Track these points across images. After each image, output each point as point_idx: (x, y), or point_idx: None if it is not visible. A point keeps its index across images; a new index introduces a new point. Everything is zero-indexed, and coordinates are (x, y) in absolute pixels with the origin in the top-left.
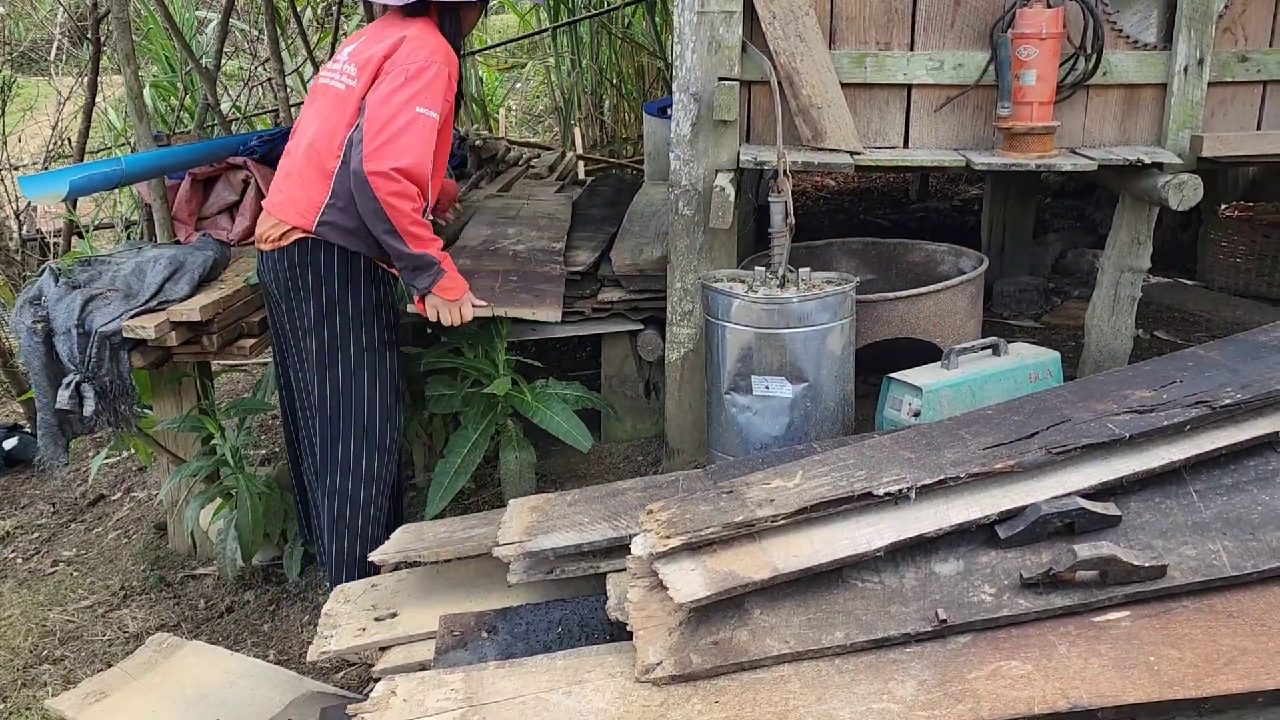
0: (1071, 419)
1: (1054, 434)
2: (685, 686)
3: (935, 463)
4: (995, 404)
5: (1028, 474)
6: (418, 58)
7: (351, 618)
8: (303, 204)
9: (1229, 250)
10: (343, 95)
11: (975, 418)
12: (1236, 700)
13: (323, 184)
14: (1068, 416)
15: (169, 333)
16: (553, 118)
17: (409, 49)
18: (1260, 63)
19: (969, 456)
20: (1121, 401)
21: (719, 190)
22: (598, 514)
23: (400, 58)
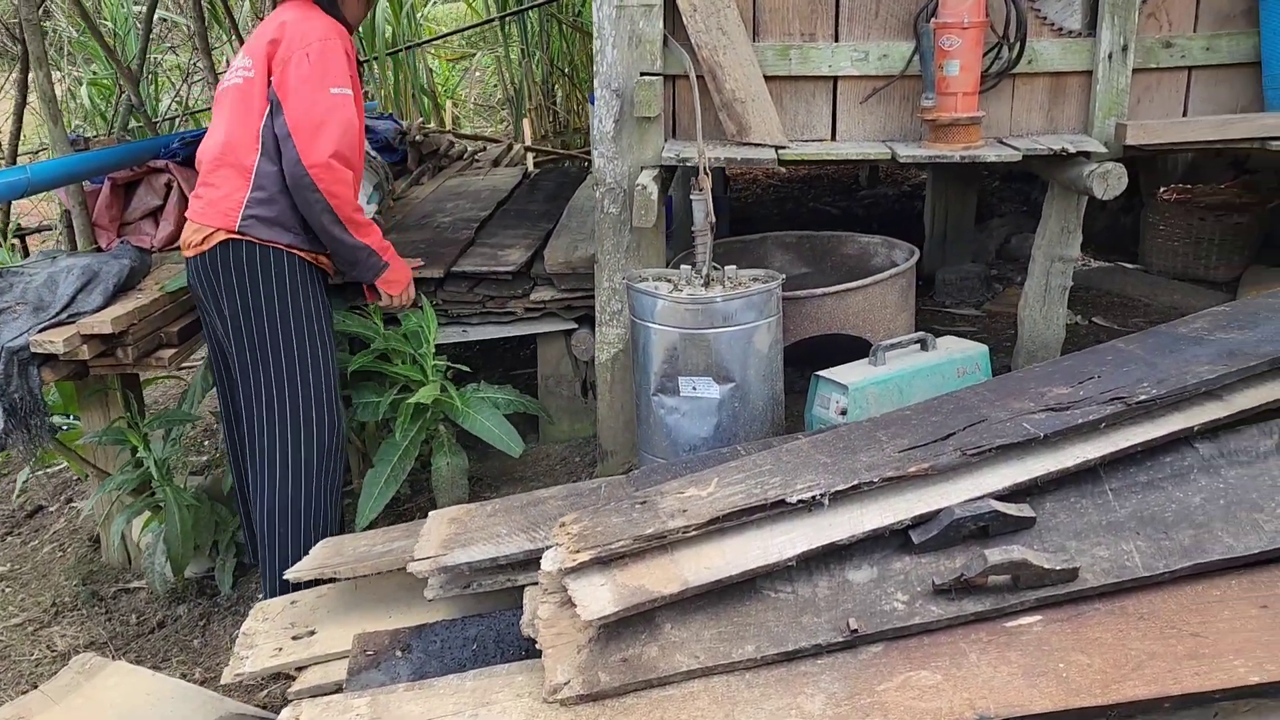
0: (988, 419)
1: (970, 435)
2: (593, 706)
3: (850, 467)
4: (915, 404)
5: (943, 476)
6: (311, 38)
7: (269, 636)
8: (223, 204)
9: (1167, 234)
10: (244, 89)
11: (894, 419)
12: (1144, 706)
13: (242, 180)
14: (984, 416)
15: (80, 346)
16: (507, 109)
17: (297, 31)
18: (1184, 48)
19: (884, 460)
20: (1039, 399)
21: (641, 189)
22: (516, 525)
23: (292, 41)
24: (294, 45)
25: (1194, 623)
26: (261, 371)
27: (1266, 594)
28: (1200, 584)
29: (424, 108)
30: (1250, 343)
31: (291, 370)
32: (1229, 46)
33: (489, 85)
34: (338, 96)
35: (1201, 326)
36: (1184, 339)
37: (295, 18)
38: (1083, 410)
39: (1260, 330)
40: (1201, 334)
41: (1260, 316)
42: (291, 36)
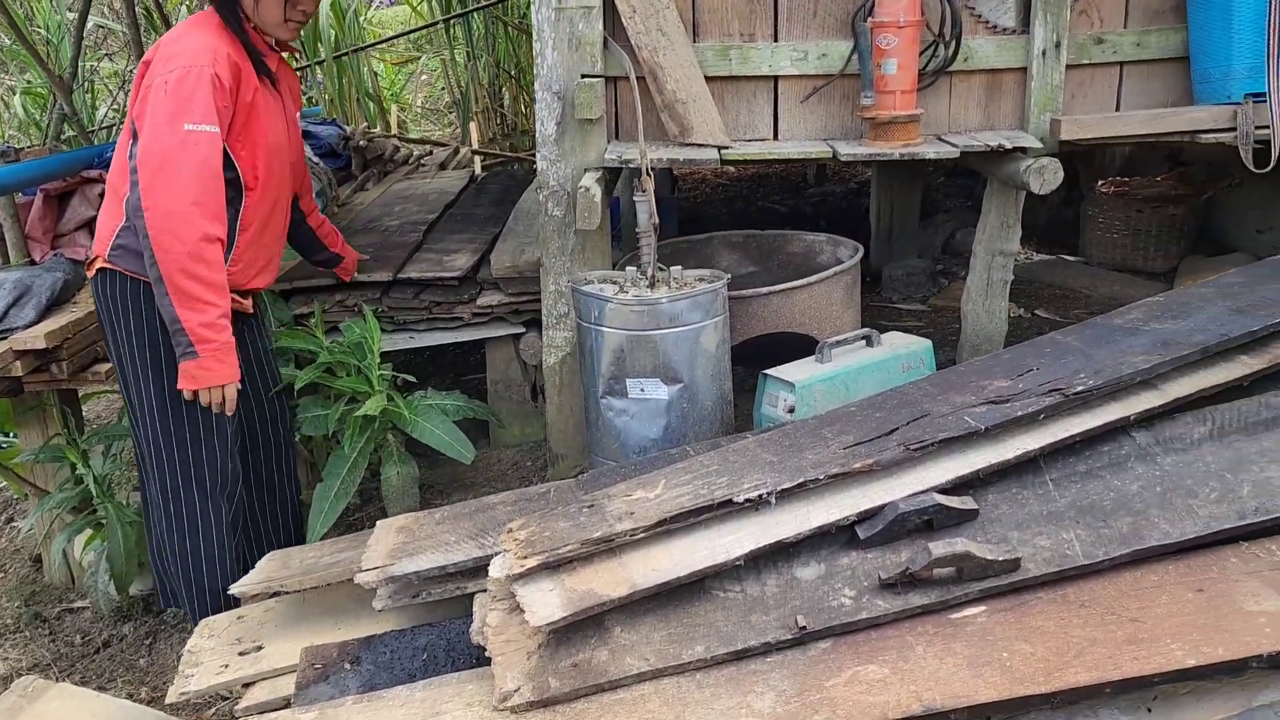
0: (931, 413)
1: (913, 429)
2: (544, 712)
3: (796, 465)
4: (860, 400)
5: (887, 472)
6: (174, 65)
7: (215, 653)
8: (102, 231)
9: (1106, 226)
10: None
11: (840, 415)
12: (1086, 692)
13: (117, 207)
14: (927, 411)
15: (13, 362)
16: (454, 112)
17: (165, 55)
18: (1115, 44)
19: (829, 457)
20: (979, 392)
21: (584, 191)
22: (465, 532)
23: (157, 67)
24: (157, 70)
25: (1133, 608)
26: (132, 407)
27: (1202, 578)
28: (1139, 570)
29: (369, 112)
30: (1183, 332)
31: (159, 409)
32: (1159, 42)
33: (435, 89)
34: (193, 134)
35: (1136, 317)
36: (1119, 330)
37: (175, 35)
38: (1022, 402)
39: (1192, 320)
40: (1137, 325)
41: (1192, 306)
42: (158, 64)
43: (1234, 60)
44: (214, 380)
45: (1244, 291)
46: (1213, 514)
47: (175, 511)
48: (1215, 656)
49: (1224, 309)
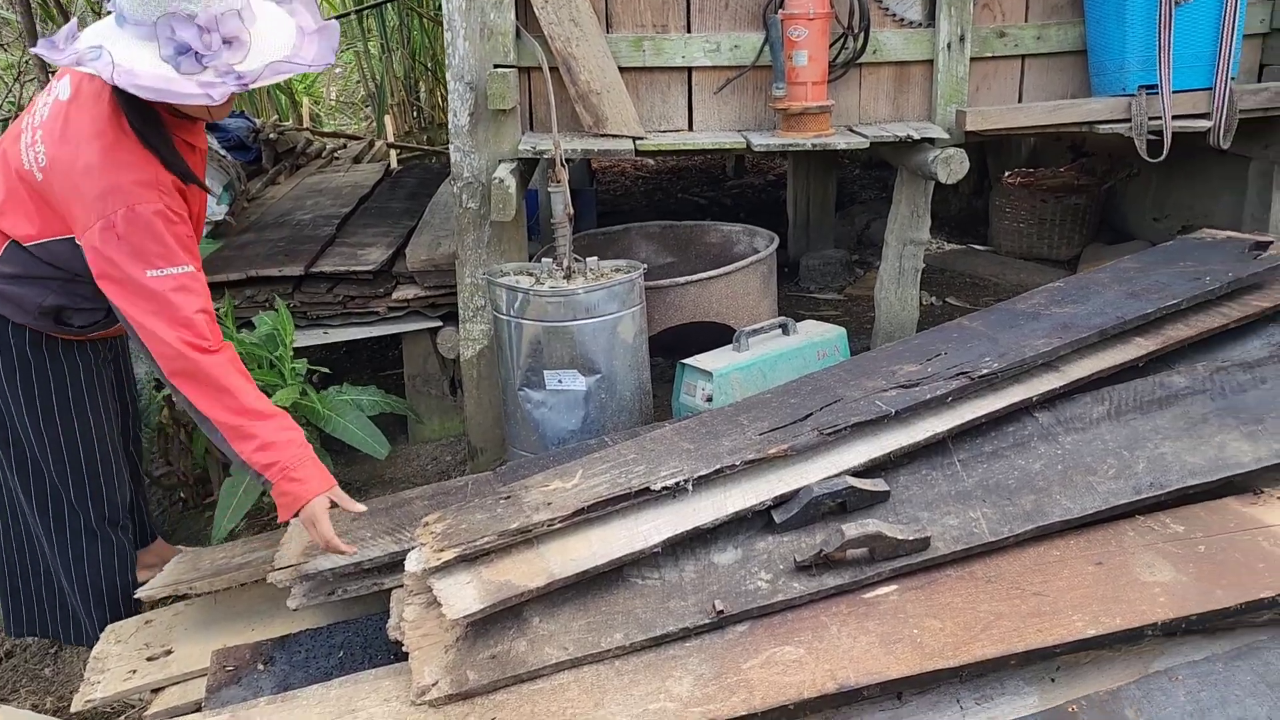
0: (843, 398)
1: (827, 415)
2: (463, 705)
3: (713, 452)
4: (775, 387)
5: (802, 456)
6: (96, 212)
7: (122, 659)
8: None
9: (1013, 216)
10: (34, 187)
11: (755, 402)
12: (992, 664)
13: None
14: (840, 396)
15: None
16: (369, 105)
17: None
18: (1017, 38)
19: (746, 443)
20: (890, 377)
21: (498, 182)
22: (381, 528)
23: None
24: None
25: (1037, 583)
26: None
27: (1101, 551)
28: (1042, 545)
29: (280, 105)
30: (1081, 316)
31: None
32: (1058, 36)
33: (349, 82)
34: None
35: (1038, 302)
36: (1022, 315)
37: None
38: (931, 386)
39: (1090, 304)
40: (1038, 309)
41: (1090, 291)
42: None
43: (1128, 53)
44: (300, 500)
45: (1138, 276)
46: (1111, 490)
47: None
48: (1114, 626)
49: (1119, 293)
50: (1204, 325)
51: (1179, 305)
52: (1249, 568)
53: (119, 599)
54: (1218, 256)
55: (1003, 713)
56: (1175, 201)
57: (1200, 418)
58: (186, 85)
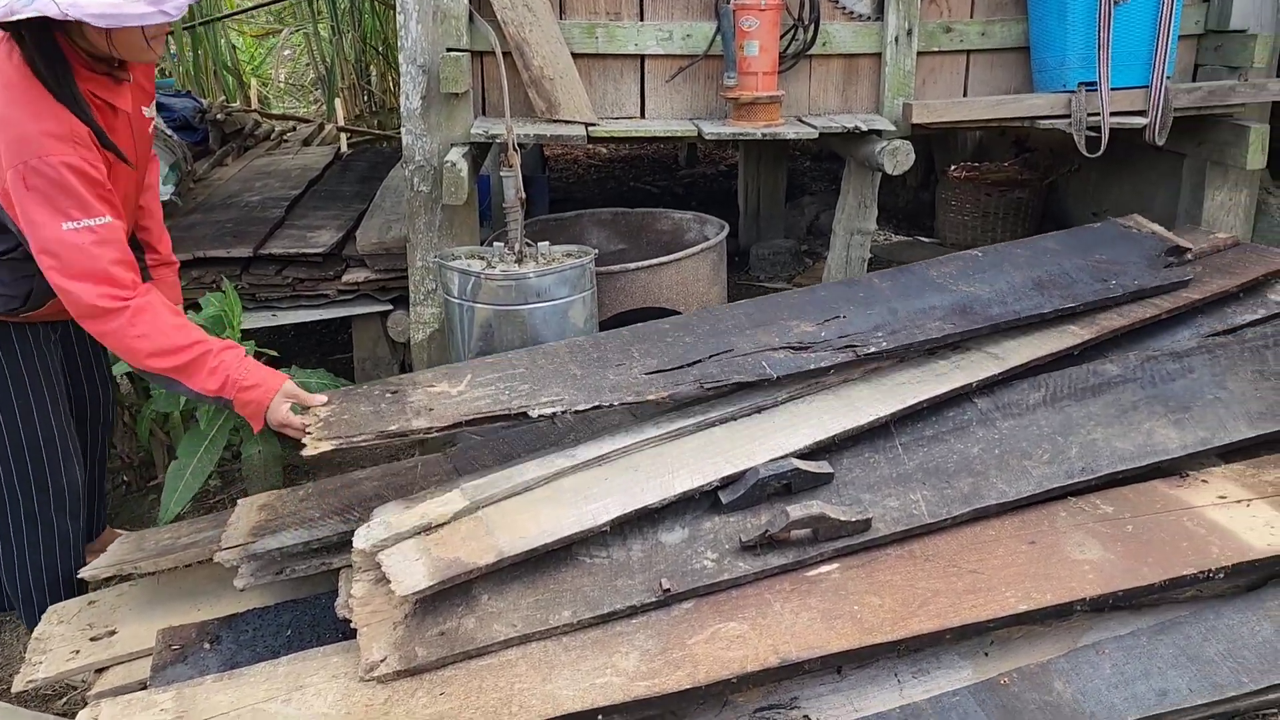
0: (734, 349)
1: (713, 366)
2: (411, 681)
3: (597, 385)
4: (675, 318)
5: (751, 437)
6: (7, 161)
7: (65, 640)
8: None
9: (959, 209)
10: None
11: (651, 332)
12: (929, 639)
13: None
14: (731, 347)
15: None
16: (319, 88)
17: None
18: (963, 33)
19: (630, 381)
20: (785, 334)
21: (451, 166)
22: (330, 507)
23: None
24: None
25: (973, 561)
26: None
27: (1034, 531)
28: (978, 526)
29: (228, 86)
30: (982, 302)
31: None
32: (1002, 32)
33: (299, 64)
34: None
35: (950, 272)
36: (931, 284)
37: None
38: (818, 354)
39: (997, 285)
40: (947, 282)
41: (1003, 269)
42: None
43: (1068, 50)
44: (262, 404)
45: (1051, 262)
46: (1045, 474)
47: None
48: (1045, 601)
49: (1027, 279)
50: (1136, 315)
51: (1074, 309)
52: (1174, 546)
53: (59, 586)
54: (1135, 255)
55: (939, 685)
56: (1114, 197)
57: (1131, 405)
58: (138, 6)
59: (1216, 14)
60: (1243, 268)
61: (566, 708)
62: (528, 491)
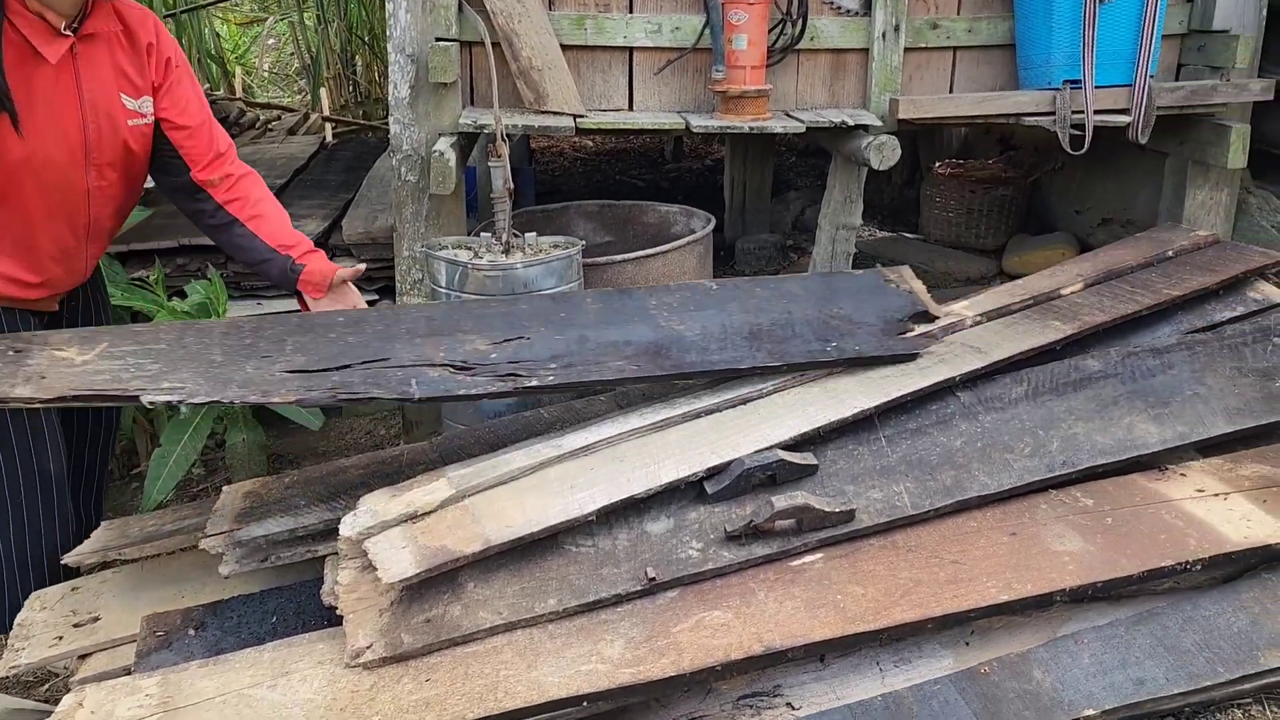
0: (391, 359)
1: (359, 373)
2: (397, 667)
3: (230, 377)
4: (354, 313)
5: (736, 428)
6: None
7: (48, 626)
8: None
9: (943, 205)
10: None
11: (319, 324)
12: (911, 628)
13: None
14: (390, 355)
15: None
16: (304, 78)
17: None
18: (949, 29)
19: (265, 378)
20: (455, 349)
21: (439, 155)
22: (315, 495)
23: None
24: None
25: (954, 551)
26: None
27: (1015, 523)
28: (960, 517)
29: (211, 74)
30: (684, 343)
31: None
32: (988, 29)
33: (283, 53)
34: None
35: (671, 303)
36: (643, 314)
37: None
38: (474, 380)
39: (710, 326)
40: (662, 313)
41: (728, 308)
42: None
43: (1054, 48)
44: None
45: (784, 306)
46: (1026, 467)
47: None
48: (1025, 592)
49: (746, 324)
50: (1118, 311)
51: (775, 368)
52: (1152, 539)
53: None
54: (874, 314)
55: (920, 674)
56: (1097, 195)
57: (1111, 400)
58: None
59: (1200, 14)
60: (1223, 265)
61: (552, 694)
62: (514, 480)
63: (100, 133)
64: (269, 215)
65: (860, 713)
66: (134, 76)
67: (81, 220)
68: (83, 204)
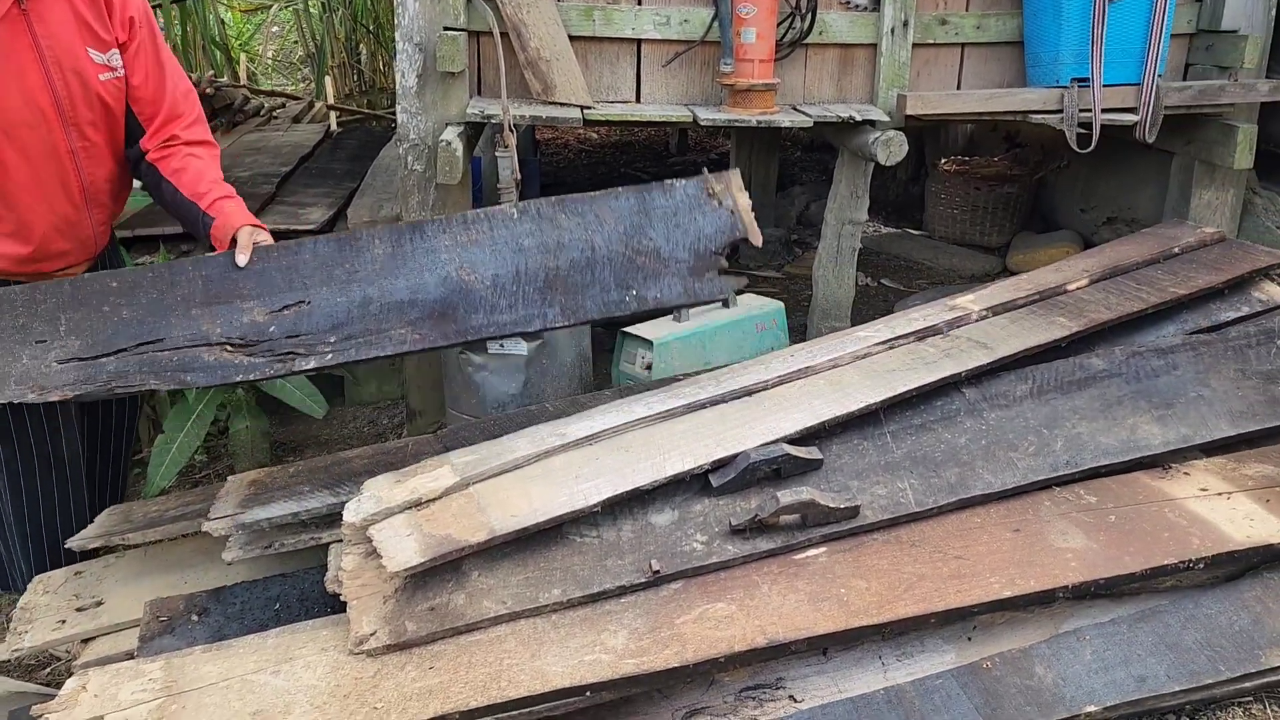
0: (166, 340)
1: (134, 359)
2: (400, 655)
3: (5, 369)
4: (130, 273)
5: (741, 420)
6: None
7: (50, 610)
8: None
9: (948, 202)
10: None
11: (93, 293)
12: (914, 623)
13: None
14: (165, 335)
15: None
16: (308, 66)
17: None
18: (958, 26)
19: (41, 370)
20: (233, 320)
21: (446, 145)
22: (320, 482)
23: None
24: None
25: (958, 547)
26: None
27: (1019, 519)
28: (964, 513)
29: (216, 61)
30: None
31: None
32: (997, 26)
33: (288, 41)
34: None
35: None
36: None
37: None
38: (250, 362)
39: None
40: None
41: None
42: None
43: (1062, 46)
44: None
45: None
46: (1030, 465)
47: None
48: (1028, 588)
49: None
50: (1123, 309)
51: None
52: (1155, 537)
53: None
54: (686, 250)
55: (922, 668)
56: (1102, 194)
57: (1116, 400)
58: None
59: (1209, 14)
60: (1229, 264)
61: (555, 684)
62: (519, 469)
63: (70, 89)
64: (190, 168)
65: (862, 706)
66: (99, 30)
67: (75, 185)
68: (71, 166)
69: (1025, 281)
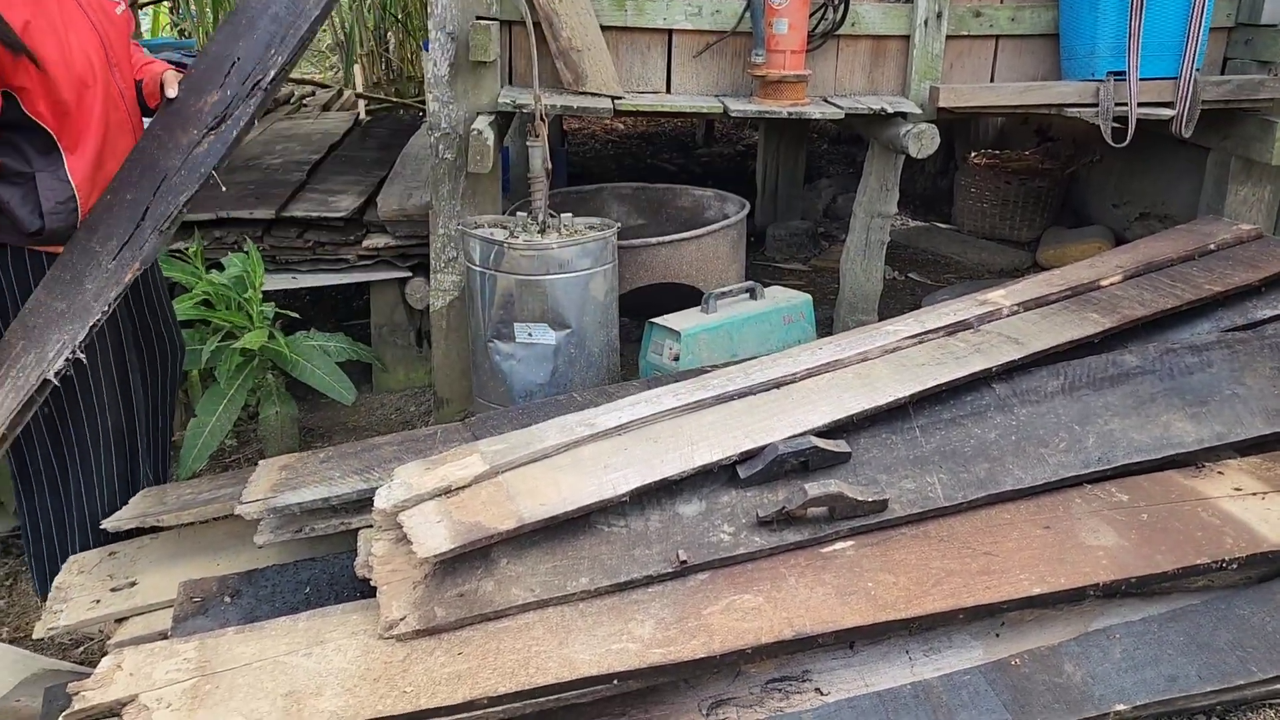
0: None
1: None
2: (429, 640)
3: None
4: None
5: (770, 412)
6: None
7: (85, 589)
8: None
9: (977, 196)
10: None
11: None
12: (941, 618)
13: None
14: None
15: None
16: (337, 54)
17: None
18: (992, 18)
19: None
20: (199, 118)
21: (477, 134)
22: (350, 468)
23: None
24: None
25: (987, 543)
26: None
27: (1049, 516)
28: (993, 509)
29: None
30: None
31: None
32: (1031, 18)
33: None
34: None
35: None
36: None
37: None
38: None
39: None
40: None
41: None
42: None
43: (1099, 39)
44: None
45: None
46: (1061, 462)
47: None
48: (1058, 585)
49: None
50: (1157, 305)
51: None
52: (1188, 536)
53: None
54: None
55: (949, 664)
56: (1135, 189)
57: (1149, 397)
58: None
59: (1248, 8)
60: (1266, 261)
61: (583, 671)
62: (548, 458)
63: (107, 34)
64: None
65: (889, 700)
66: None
67: (128, 126)
68: (123, 107)
69: (1057, 277)
